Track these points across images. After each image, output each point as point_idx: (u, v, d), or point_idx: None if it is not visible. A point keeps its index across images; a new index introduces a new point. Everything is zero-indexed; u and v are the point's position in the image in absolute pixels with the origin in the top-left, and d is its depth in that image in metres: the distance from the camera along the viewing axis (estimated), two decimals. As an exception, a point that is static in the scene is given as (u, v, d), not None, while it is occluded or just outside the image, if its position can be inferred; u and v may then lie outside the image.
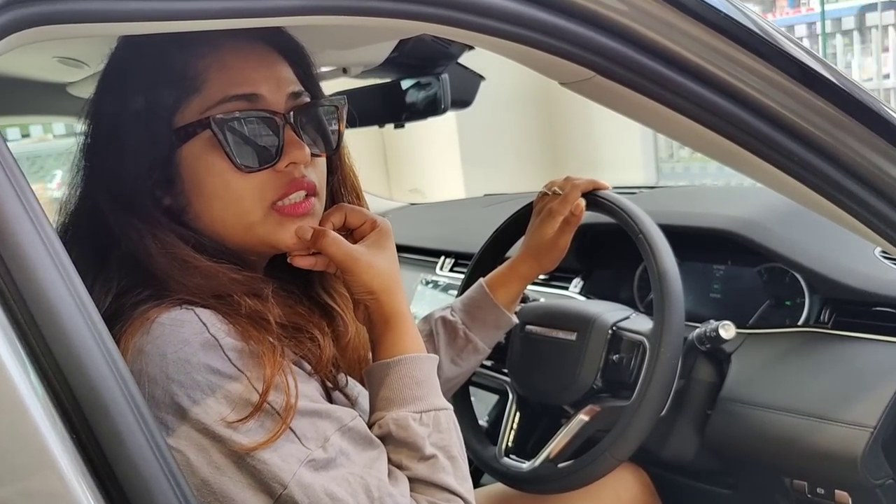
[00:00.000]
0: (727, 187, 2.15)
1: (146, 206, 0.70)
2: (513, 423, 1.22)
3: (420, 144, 4.36)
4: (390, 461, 0.69)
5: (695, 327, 1.11)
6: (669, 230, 1.05)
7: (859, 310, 1.12)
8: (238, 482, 0.62)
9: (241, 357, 0.63)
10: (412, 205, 2.43)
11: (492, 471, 1.19)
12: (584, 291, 1.48)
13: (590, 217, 1.07)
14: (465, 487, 0.71)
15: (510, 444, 1.21)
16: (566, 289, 1.50)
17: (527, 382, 1.21)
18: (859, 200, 0.73)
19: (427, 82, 1.36)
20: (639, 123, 0.81)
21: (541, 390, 1.20)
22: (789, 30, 5.13)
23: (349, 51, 1.10)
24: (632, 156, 4.68)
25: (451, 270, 1.81)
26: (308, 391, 0.67)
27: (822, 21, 5.22)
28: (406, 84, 1.36)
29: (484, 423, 1.44)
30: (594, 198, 1.08)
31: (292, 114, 0.72)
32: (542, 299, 1.34)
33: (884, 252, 1.16)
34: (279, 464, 0.62)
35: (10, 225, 0.45)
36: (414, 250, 1.92)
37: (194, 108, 0.70)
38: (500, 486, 1.19)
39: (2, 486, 0.44)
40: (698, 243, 1.32)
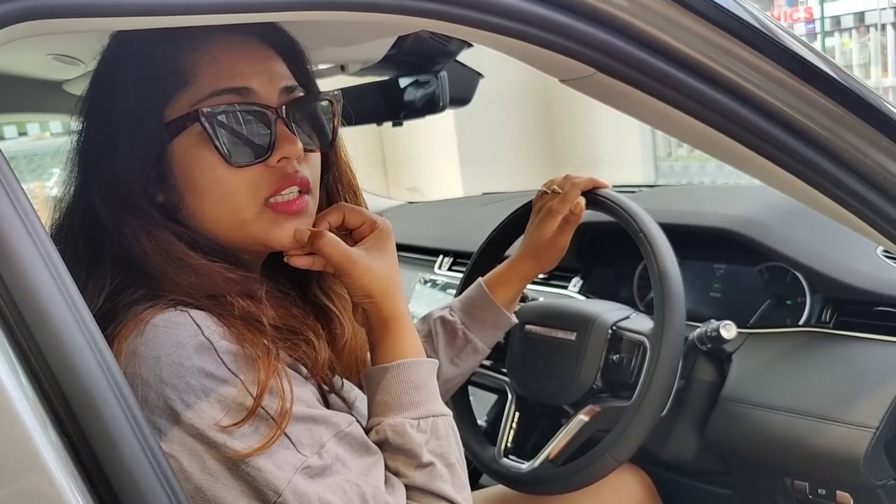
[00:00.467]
0: (728, 186, 2.14)
1: (139, 203, 0.69)
2: (512, 424, 1.22)
3: (418, 143, 4.35)
4: (387, 468, 0.68)
5: (695, 327, 1.10)
6: (670, 229, 1.04)
7: (861, 309, 1.11)
8: (232, 489, 0.61)
9: (235, 360, 0.62)
10: (410, 203, 2.42)
11: (491, 472, 1.18)
12: (584, 290, 1.47)
13: (589, 216, 1.06)
14: (463, 496, 0.70)
15: (509, 444, 1.20)
16: (565, 288, 1.49)
17: (526, 383, 1.20)
18: (861, 198, 0.72)
19: (425, 80, 1.35)
20: (639, 121, 0.80)
21: (540, 390, 1.19)
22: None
23: (347, 48, 1.10)
24: (630, 154, 4.67)
25: (450, 269, 1.80)
26: (304, 395, 0.66)
27: (822, 21, 5.22)
28: (404, 82, 1.35)
29: (483, 422, 1.43)
30: (594, 196, 1.07)
31: (285, 108, 0.71)
32: (542, 298, 1.33)
33: (886, 251, 1.15)
34: (274, 471, 0.60)
35: (-1, 224, 0.44)
36: (412, 249, 1.91)
37: (184, 102, 0.69)
38: (499, 487, 1.18)
39: (-8, 489, 0.43)
40: (699, 242, 1.31)
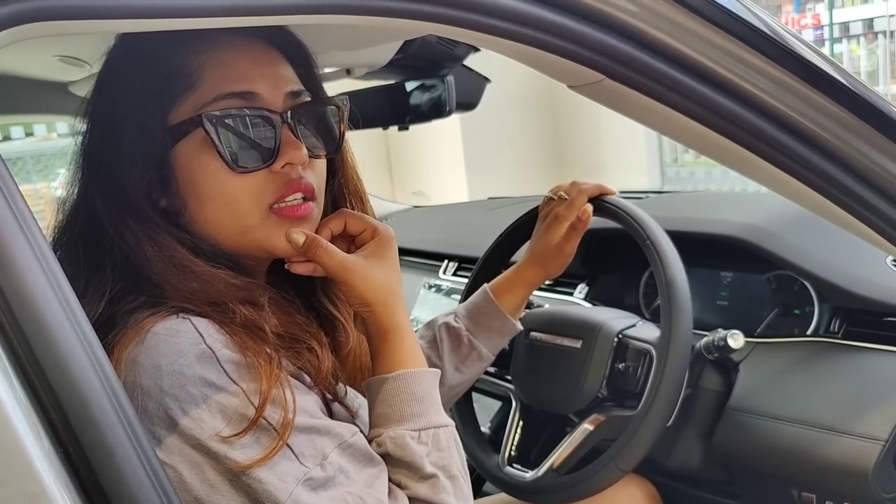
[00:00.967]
0: (736, 193, 2.13)
1: (141, 208, 0.68)
2: (516, 432, 1.21)
3: (424, 147, 4.35)
4: (390, 480, 0.67)
5: (702, 335, 1.09)
6: (677, 236, 1.03)
7: (870, 320, 1.10)
8: (232, 501, 0.60)
9: (237, 369, 0.61)
10: (415, 207, 2.41)
11: (494, 480, 1.17)
12: (589, 297, 1.46)
13: (595, 222, 1.05)
14: None
15: (513, 452, 1.19)
16: (571, 294, 1.48)
17: (531, 390, 1.20)
18: (870, 206, 0.71)
19: (432, 84, 1.35)
20: (648, 127, 0.79)
21: (545, 398, 1.18)
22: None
23: (353, 52, 1.09)
24: (636, 159, 4.67)
25: (455, 274, 1.79)
26: (307, 405, 0.65)
27: (830, 27, 5.20)
28: (410, 86, 1.35)
29: (486, 429, 1.42)
30: (601, 203, 1.06)
31: (290, 113, 0.70)
32: (547, 305, 1.32)
33: (895, 260, 1.14)
34: (275, 482, 0.59)
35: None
36: (417, 254, 1.90)
37: (188, 106, 0.68)
38: (502, 496, 1.17)
39: (-17, 499, 0.42)
40: (706, 250, 1.30)
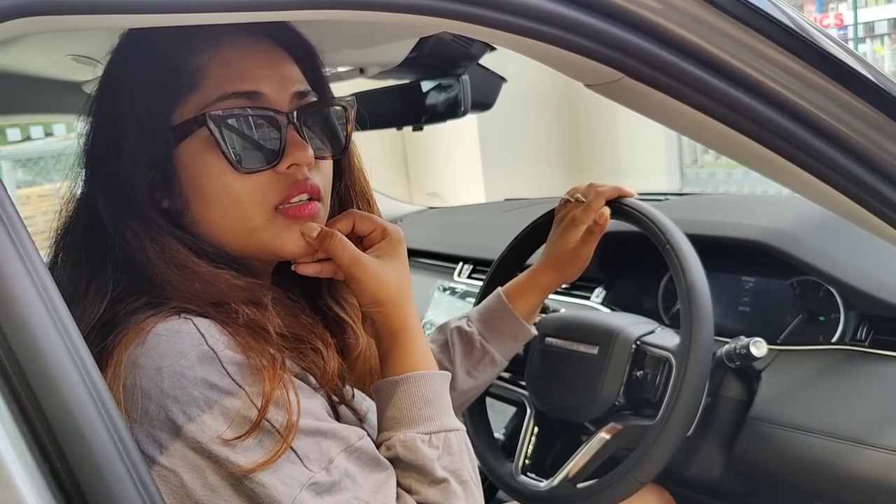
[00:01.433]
0: (758, 195, 2.09)
1: (143, 208, 0.67)
2: (531, 439, 1.18)
3: (442, 147, 4.33)
4: (400, 485, 0.66)
5: (723, 342, 1.06)
6: (697, 240, 1.01)
7: (899, 327, 1.07)
8: None
9: (240, 371, 0.60)
10: (430, 208, 2.40)
11: (507, 488, 1.15)
12: (607, 302, 1.44)
13: (613, 224, 1.03)
14: None
15: (527, 460, 1.17)
16: (588, 299, 1.46)
17: (546, 397, 1.17)
18: (900, 209, 0.68)
19: (447, 84, 1.33)
20: (669, 128, 0.77)
21: (560, 406, 1.16)
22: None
23: (366, 50, 1.07)
24: (655, 160, 4.62)
25: (470, 277, 1.77)
26: (312, 408, 0.63)
27: (855, 26, 5.12)
28: (426, 86, 1.33)
29: (500, 435, 1.40)
30: (619, 206, 1.04)
31: (296, 113, 0.69)
32: (563, 309, 1.30)
33: (925, 267, 1.11)
34: (279, 487, 0.58)
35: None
36: (431, 255, 1.89)
37: (192, 105, 0.67)
38: (515, 504, 1.15)
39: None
40: (727, 254, 1.27)
